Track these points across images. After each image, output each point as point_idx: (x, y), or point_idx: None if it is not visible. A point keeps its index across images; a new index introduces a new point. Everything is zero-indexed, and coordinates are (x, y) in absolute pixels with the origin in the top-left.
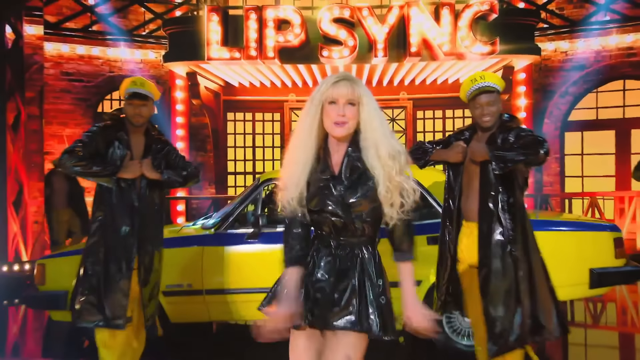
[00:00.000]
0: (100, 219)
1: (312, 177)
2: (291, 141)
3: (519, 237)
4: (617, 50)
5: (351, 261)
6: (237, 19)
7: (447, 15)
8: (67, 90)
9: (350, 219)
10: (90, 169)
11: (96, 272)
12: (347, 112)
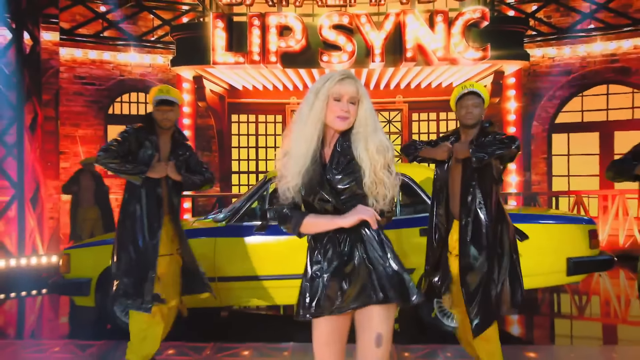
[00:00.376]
0: (131, 211)
1: (307, 168)
2: (293, 132)
3: (493, 227)
4: (601, 57)
5: (351, 243)
6: (241, 26)
7: (441, 22)
8: (80, 93)
9: (340, 204)
10: (123, 166)
11: (128, 259)
12: (350, 108)
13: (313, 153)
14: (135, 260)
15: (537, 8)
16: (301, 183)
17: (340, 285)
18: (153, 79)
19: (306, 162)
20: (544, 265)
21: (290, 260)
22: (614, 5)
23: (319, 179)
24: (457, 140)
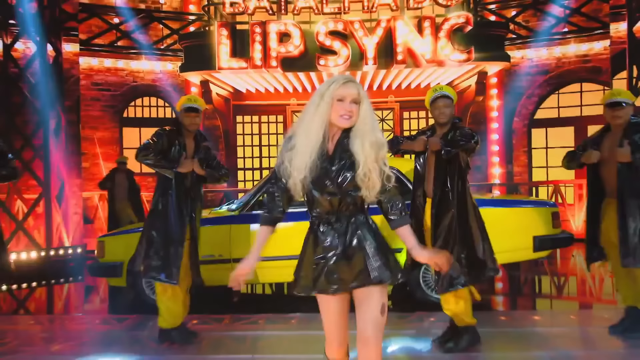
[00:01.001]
0: (162, 200)
1: (313, 162)
2: (299, 129)
3: (460, 206)
4: (575, 57)
5: (350, 229)
6: (244, 33)
7: (428, 27)
8: (97, 98)
9: (344, 195)
10: (159, 162)
11: (158, 240)
12: (352, 108)
13: (319, 149)
14: (165, 240)
15: (517, 13)
16: (310, 177)
17: (341, 267)
18: (163, 84)
19: (312, 156)
20: (513, 242)
21: (294, 243)
22: (586, 10)
23: (324, 172)
24: (433, 134)
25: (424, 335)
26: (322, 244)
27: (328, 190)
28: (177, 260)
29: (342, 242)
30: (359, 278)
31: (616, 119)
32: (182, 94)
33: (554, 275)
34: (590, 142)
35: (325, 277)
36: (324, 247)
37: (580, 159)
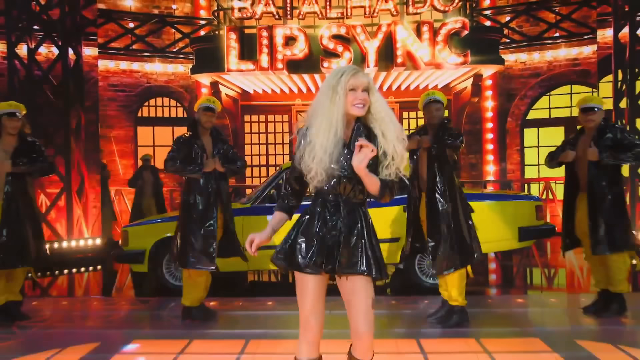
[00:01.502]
0: (192, 196)
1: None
2: (315, 123)
3: (448, 199)
4: (565, 61)
5: (354, 218)
6: (252, 37)
7: (426, 31)
8: (113, 99)
9: (356, 179)
10: (184, 169)
11: (191, 232)
12: (365, 97)
13: (338, 138)
14: (198, 230)
15: (510, 19)
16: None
17: (338, 251)
18: (175, 85)
19: (333, 145)
20: (501, 233)
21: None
22: (576, 16)
23: (340, 157)
24: (425, 134)
25: (419, 315)
26: (324, 222)
27: (343, 175)
28: (209, 248)
29: (347, 228)
30: (349, 266)
31: (589, 122)
32: (193, 95)
33: (537, 263)
34: (568, 143)
35: (316, 254)
36: (324, 225)
37: (559, 158)
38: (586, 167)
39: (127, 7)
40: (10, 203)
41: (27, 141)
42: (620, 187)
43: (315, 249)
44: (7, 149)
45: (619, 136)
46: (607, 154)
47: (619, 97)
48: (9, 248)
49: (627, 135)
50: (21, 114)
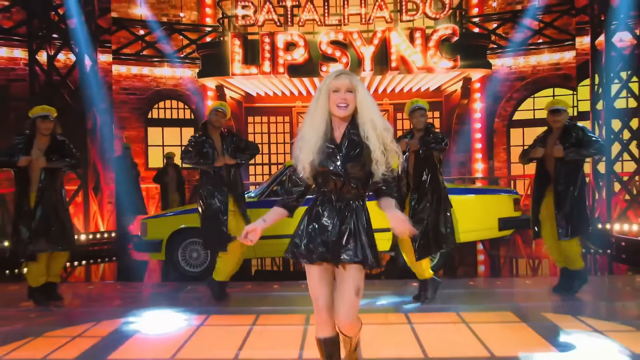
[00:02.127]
0: (206, 188)
1: (320, 147)
2: (305, 121)
3: (432, 194)
4: (548, 65)
5: (348, 211)
6: (255, 43)
7: (419, 37)
8: (125, 101)
9: (348, 179)
10: (198, 162)
11: (207, 219)
12: (347, 97)
13: (324, 134)
14: (214, 218)
15: (497, 26)
16: (317, 159)
17: (334, 241)
18: (183, 88)
19: (318, 141)
20: (483, 223)
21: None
22: (558, 23)
23: (331, 158)
24: (412, 137)
25: (407, 295)
26: (322, 218)
27: (334, 173)
28: (223, 233)
29: (338, 221)
30: (344, 255)
31: (556, 123)
32: (200, 98)
33: (517, 252)
34: (538, 141)
35: (315, 246)
36: (322, 220)
37: (530, 154)
38: (553, 163)
39: (138, 16)
40: (44, 193)
41: (58, 140)
42: (581, 181)
43: (316, 241)
44: (41, 147)
45: (581, 135)
46: (571, 151)
47: (595, 99)
48: (50, 233)
49: (587, 133)
50: (53, 116)
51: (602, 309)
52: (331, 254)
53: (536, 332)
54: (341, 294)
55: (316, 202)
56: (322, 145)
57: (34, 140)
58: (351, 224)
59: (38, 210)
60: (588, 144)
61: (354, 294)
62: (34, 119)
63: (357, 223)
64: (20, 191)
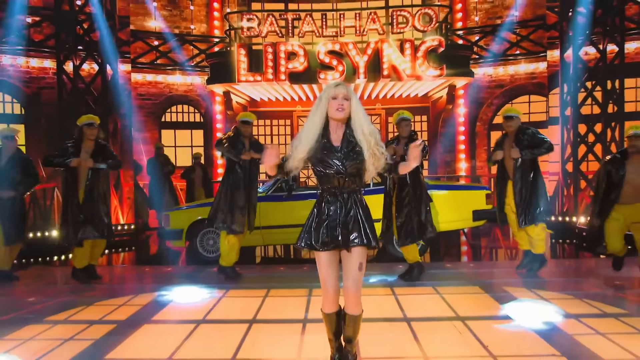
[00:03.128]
0: (230, 176)
1: (318, 148)
2: (305, 123)
3: (414, 191)
4: (525, 74)
5: (350, 202)
6: (258, 52)
7: (408, 48)
8: (141, 106)
9: (348, 175)
10: (230, 151)
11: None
12: (344, 103)
13: (318, 136)
14: (230, 202)
15: (479, 38)
16: (307, 157)
17: (341, 229)
18: (193, 94)
19: (312, 142)
20: (459, 214)
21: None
22: (533, 37)
23: (331, 158)
24: (398, 143)
25: (394, 274)
26: (328, 211)
27: (337, 171)
28: (240, 218)
29: (342, 212)
30: (350, 240)
31: (509, 127)
32: (209, 102)
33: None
34: (497, 145)
35: (324, 236)
36: (328, 213)
37: (492, 158)
38: (511, 163)
39: (152, 28)
40: (92, 190)
41: (101, 144)
42: (535, 176)
43: (322, 231)
44: (88, 150)
45: (531, 137)
46: (526, 152)
47: (564, 106)
48: (94, 223)
49: (537, 135)
50: (96, 123)
51: (554, 284)
52: (341, 240)
53: (494, 300)
54: (347, 270)
55: (322, 197)
56: (318, 146)
57: (81, 144)
58: (354, 213)
59: (85, 204)
60: (539, 144)
61: (357, 269)
62: (82, 127)
63: (359, 212)
64: (70, 187)
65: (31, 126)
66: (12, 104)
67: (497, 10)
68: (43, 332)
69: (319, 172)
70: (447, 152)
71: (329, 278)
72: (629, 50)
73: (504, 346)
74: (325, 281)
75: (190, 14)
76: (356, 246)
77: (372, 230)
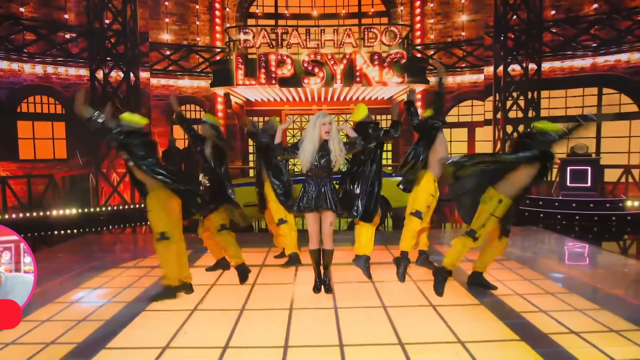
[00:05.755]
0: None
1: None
2: (305, 139)
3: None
4: (469, 83)
5: (322, 183)
6: (253, 61)
7: (377, 59)
8: (157, 106)
9: (323, 168)
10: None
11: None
12: (328, 128)
13: (314, 147)
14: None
15: (434, 52)
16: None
17: (318, 199)
18: (199, 96)
19: (314, 152)
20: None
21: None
22: (476, 53)
23: (319, 159)
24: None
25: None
26: (310, 188)
27: (317, 165)
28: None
29: (318, 189)
30: (324, 205)
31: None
32: (212, 103)
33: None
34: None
35: (309, 203)
36: (310, 190)
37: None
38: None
39: (165, 40)
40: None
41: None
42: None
43: (308, 201)
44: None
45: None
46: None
47: (496, 111)
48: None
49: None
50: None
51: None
52: (317, 206)
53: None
54: (323, 225)
55: (307, 180)
56: (314, 153)
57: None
58: (327, 190)
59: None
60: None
61: (329, 225)
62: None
63: (328, 190)
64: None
65: (70, 123)
66: (55, 105)
67: (448, 30)
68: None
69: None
70: (407, 145)
71: (313, 228)
72: (544, 68)
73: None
74: (311, 229)
75: (196, 28)
76: (326, 210)
77: (335, 202)
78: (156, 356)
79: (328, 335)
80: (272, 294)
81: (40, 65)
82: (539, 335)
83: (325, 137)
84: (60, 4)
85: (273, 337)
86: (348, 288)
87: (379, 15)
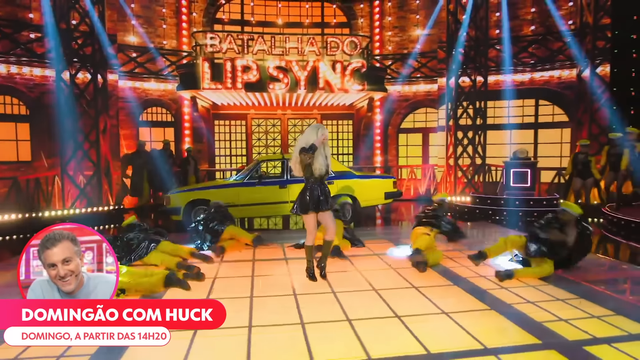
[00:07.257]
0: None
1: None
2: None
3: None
4: (424, 92)
5: (321, 188)
6: (219, 65)
7: (339, 67)
8: (123, 108)
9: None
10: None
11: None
12: (325, 137)
13: (323, 154)
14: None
15: (391, 62)
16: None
17: (317, 202)
18: (166, 98)
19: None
20: (375, 194)
21: (268, 195)
22: (430, 65)
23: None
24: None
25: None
26: (312, 191)
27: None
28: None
29: (318, 192)
30: (322, 207)
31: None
32: (179, 106)
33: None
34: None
35: (309, 205)
36: (311, 193)
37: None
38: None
39: (132, 42)
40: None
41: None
42: None
43: (310, 202)
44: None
45: None
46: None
47: (448, 118)
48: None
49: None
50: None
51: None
52: (317, 208)
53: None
54: (325, 222)
55: (309, 183)
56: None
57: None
58: (324, 193)
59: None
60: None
61: (332, 221)
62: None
63: (324, 193)
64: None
65: (35, 125)
66: (19, 105)
67: (405, 43)
68: None
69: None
70: (367, 149)
71: (313, 228)
72: (490, 81)
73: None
74: (310, 228)
75: (163, 31)
76: (324, 210)
77: (330, 201)
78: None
79: (335, 313)
80: (271, 283)
81: (3, 64)
82: (504, 305)
83: (324, 144)
84: (25, 3)
85: (289, 317)
86: (338, 277)
87: (341, 26)
